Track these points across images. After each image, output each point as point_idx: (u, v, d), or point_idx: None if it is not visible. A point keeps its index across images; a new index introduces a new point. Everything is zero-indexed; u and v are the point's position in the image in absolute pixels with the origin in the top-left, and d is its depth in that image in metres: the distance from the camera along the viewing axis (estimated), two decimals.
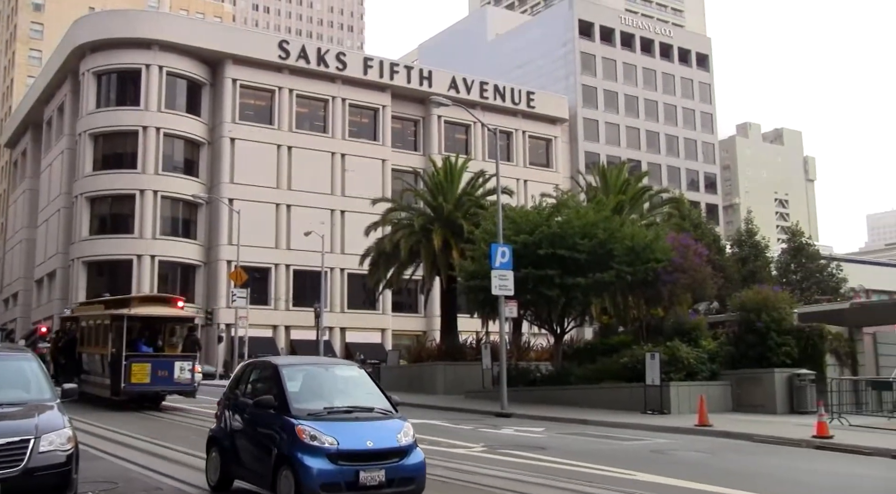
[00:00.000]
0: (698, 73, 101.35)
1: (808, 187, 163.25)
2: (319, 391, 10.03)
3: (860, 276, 75.58)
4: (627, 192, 37.17)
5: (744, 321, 26.89)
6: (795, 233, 60.41)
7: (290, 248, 63.52)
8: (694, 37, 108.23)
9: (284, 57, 66.09)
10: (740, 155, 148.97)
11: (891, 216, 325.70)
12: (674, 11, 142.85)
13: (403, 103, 71.98)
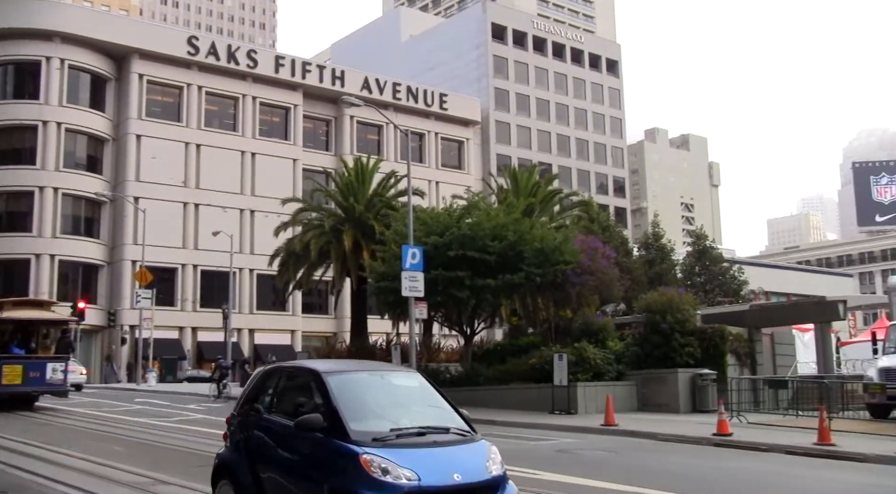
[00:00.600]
0: (608, 78, 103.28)
1: (712, 192, 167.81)
2: (378, 406, 7.82)
3: (760, 278, 78.08)
4: (538, 194, 37.59)
5: (649, 322, 27.43)
6: (700, 236, 61.90)
7: (198, 248, 62.30)
8: (604, 43, 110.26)
9: (193, 53, 64.82)
10: (648, 160, 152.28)
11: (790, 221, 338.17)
12: (585, 17, 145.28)
13: (315, 103, 71.41)
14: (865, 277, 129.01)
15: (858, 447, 16.10)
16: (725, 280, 59.24)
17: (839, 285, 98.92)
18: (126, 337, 55.82)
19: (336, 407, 7.32)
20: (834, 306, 29.54)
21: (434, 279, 26.77)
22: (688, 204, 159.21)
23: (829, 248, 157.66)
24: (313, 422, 7.32)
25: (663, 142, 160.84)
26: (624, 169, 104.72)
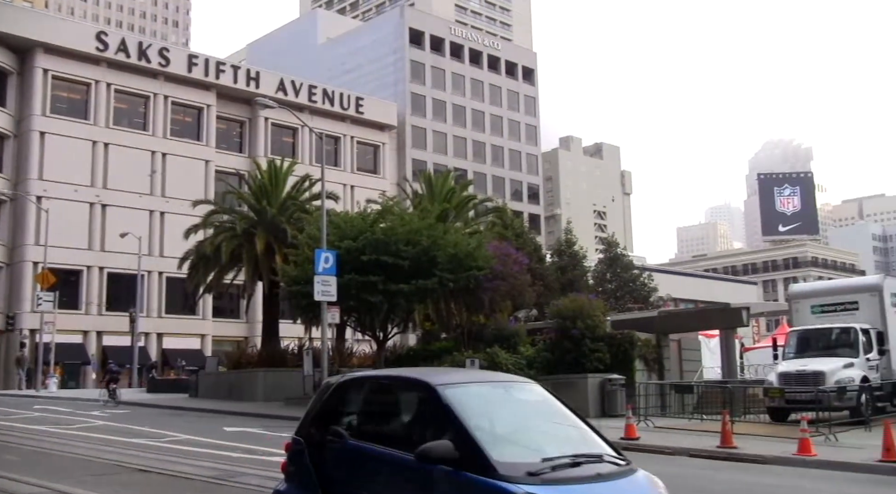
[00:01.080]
0: (524, 86, 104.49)
1: (624, 200, 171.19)
2: (513, 429, 6.25)
3: (669, 285, 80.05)
4: (452, 200, 37.77)
5: (560, 327, 27.80)
6: (611, 244, 63.26)
7: (105, 249, 60.63)
8: (521, 51, 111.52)
9: (102, 49, 63.11)
10: (562, 167, 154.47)
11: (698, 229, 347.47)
12: (502, 25, 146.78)
13: (229, 103, 70.34)
14: (769, 284, 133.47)
15: (758, 449, 16.64)
16: (636, 287, 60.62)
17: (744, 292, 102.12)
18: (25, 341, 53.88)
19: (468, 431, 5.66)
20: (738, 313, 30.46)
21: (347, 284, 26.67)
22: (600, 211, 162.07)
23: (735, 256, 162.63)
24: (443, 452, 5.58)
25: (577, 150, 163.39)
26: (538, 176, 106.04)
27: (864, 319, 23.60)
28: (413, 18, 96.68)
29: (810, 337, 23.83)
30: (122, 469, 13.98)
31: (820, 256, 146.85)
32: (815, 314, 25.02)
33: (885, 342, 23.19)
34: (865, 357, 22.43)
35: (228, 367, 39.81)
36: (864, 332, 22.85)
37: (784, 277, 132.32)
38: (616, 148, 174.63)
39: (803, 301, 25.67)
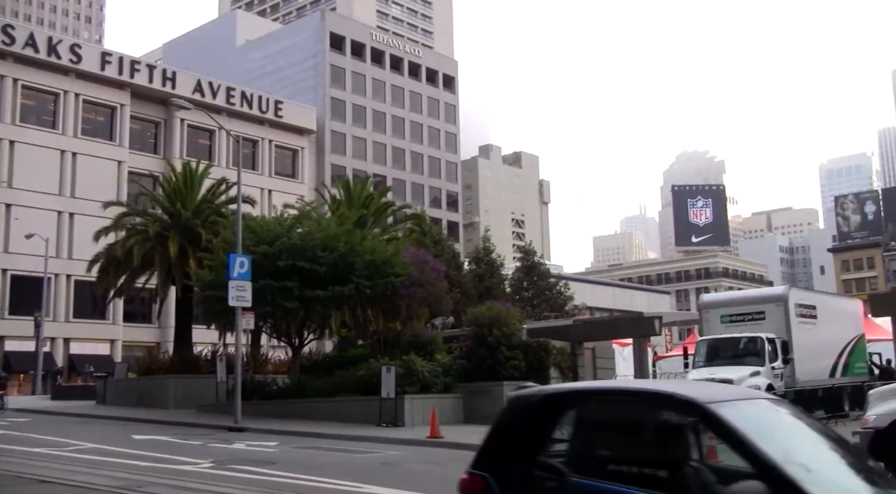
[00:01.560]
0: (445, 94, 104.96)
1: (542, 209, 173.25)
2: (810, 461, 4.79)
3: (586, 294, 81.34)
4: (370, 206, 37.68)
5: (477, 335, 27.94)
6: (528, 252, 63.76)
7: (9, 251, 58.64)
8: (442, 58, 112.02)
9: (9, 43, 61.13)
10: (481, 175, 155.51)
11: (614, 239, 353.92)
12: (424, 33, 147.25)
13: (144, 103, 68.86)
14: (682, 294, 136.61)
15: None
16: (552, 295, 61.27)
17: (658, 301, 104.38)
18: None
19: (779, 468, 4.42)
20: (650, 322, 31.15)
21: (262, 289, 26.33)
22: (519, 220, 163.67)
23: (650, 266, 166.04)
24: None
25: (497, 158, 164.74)
26: (457, 184, 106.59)
27: (771, 328, 24.33)
28: (334, 23, 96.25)
29: (719, 346, 24.45)
30: (20, 481, 13.48)
31: (730, 266, 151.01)
32: (724, 323, 25.70)
33: (790, 351, 23.95)
34: (771, 366, 23.13)
35: (138, 373, 38.92)
36: (770, 341, 23.56)
37: (696, 286, 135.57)
38: (535, 157, 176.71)
39: (713, 311, 26.35)
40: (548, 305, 59.34)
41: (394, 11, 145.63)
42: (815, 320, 26.27)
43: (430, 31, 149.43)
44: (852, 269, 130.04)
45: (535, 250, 67.42)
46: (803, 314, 25.75)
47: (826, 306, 27.89)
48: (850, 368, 27.85)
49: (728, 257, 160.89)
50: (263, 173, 75.48)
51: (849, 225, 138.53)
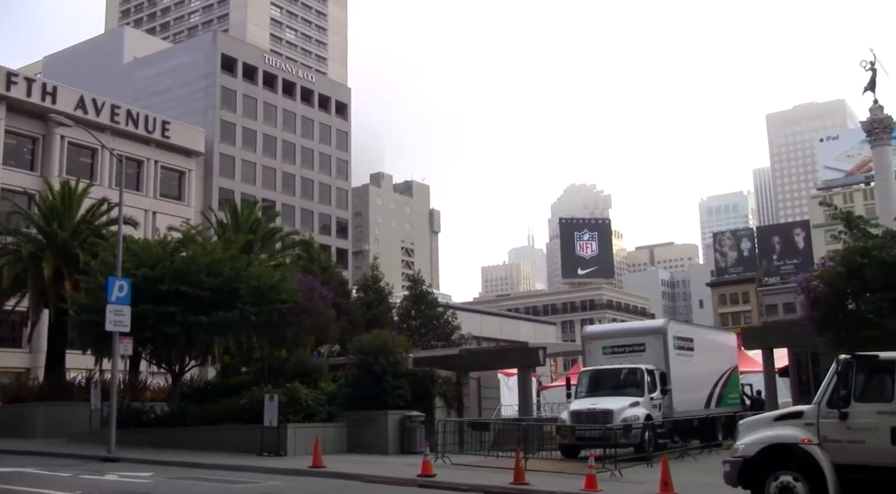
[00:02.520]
0: (337, 120, 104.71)
1: (432, 238, 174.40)
2: None
3: (473, 324, 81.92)
4: (258, 231, 37.18)
5: (363, 363, 27.83)
6: (417, 281, 63.93)
7: None
8: (335, 85, 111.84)
9: None
10: (372, 203, 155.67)
11: (502, 269, 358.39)
12: (318, 59, 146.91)
13: (20, 118, 66.06)
14: (567, 325, 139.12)
15: (548, 485, 17.23)
16: (440, 324, 61.47)
17: (544, 332, 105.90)
18: None
19: None
20: (535, 353, 31.65)
21: (143, 314, 25.61)
22: (408, 249, 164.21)
23: (537, 297, 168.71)
24: None
25: (388, 187, 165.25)
26: (348, 211, 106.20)
27: (650, 360, 25.01)
28: (226, 44, 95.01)
29: (601, 377, 24.97)
30: None
31: (614, 299, 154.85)
32: (606, 354, 26.28)
33: (668, 382, 24.67)
34: (650, 396, 23.75)
35: (4, 401, 37.13)
36: (650, 372, 24.21)
37: (581, 318, 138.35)
38: (426, 187, 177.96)
39: (596, 342, 26.92)
40: (435, 334, 59.51)
41: (288, 36, 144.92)
42: (692, 352, 27.16)
43: (325, 57, 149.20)
44: (729, 303, 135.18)
45: (424, 278, 67.69)
46: (681, 346, 26.58)
47: (702, 339, 28.88)
48: (725, 399, 28.87)
49: (612, 289, 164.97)
50: (148, 195, 73.44)
51: (726, 261, 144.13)
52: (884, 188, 51.05)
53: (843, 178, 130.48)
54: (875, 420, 12.60)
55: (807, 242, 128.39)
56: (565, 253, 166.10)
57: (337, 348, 40.41)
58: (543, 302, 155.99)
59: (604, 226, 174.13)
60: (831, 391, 12.98)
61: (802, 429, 12.97)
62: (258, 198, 74.58)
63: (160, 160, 76.00)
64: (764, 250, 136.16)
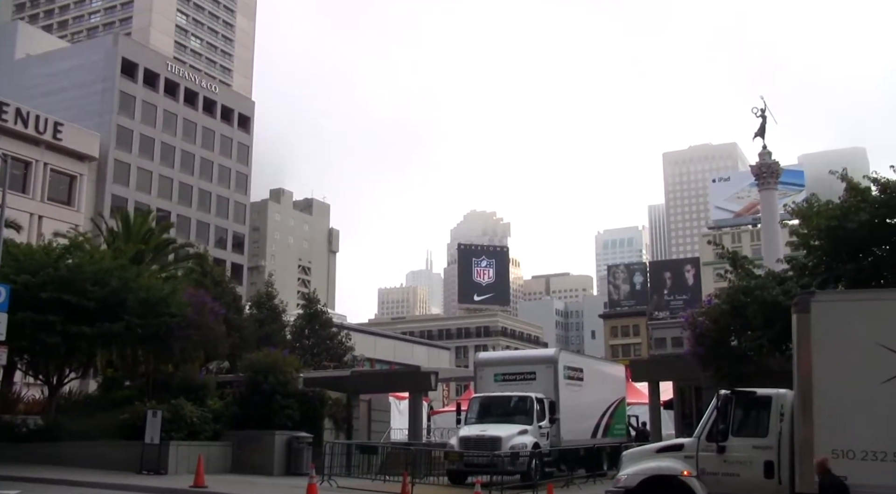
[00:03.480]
0: (239, 133, 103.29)
1: (330, 258, 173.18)
2: None
3: (367, 345, 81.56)
4: (150, 242, 36.32)
5: (252, 381, 27.41)
6: (312, 300, 63.33)
7: None
8: (239, 97, 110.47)
9: None
10: (271, 219, 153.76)
11: (399, 292, 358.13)
12: (223, 70, 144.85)
13: None
14: (461, 350, 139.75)
15: None
16: (333, 345, 60.99)
17: (438, 356, 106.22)
18: None
19: None
20: (427, 377, 31.69)
21: (20, 322, 24.58)
22: (305, 267, 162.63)
23: (432, 321, 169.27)
24: None
25: (288, 203, 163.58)
26: (245, 226, 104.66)
27: (540, 388, 25.34)
28: (127, 48, 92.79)
29: (491, 404, 25.18)
30: None
31: (509, 326, 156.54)
32: (497, 381, 26.50)
33: (556, 411, 25.03)
34: (538, 425, 24.06)
35: None
36: (539, 401, 24.54)
37: (476, 344, 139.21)
38: (326, 205, 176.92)
39: (487, 369, 27.14)
40: (328, 354, 59.01)
41: (193, 45, 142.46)
42: (581, 382, 27.66)
43: (230, 68, 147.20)
44: (620, 335, 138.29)
45: (320, 298, 67.11)
46: (571, 376, 27.04)
47: (592, 369, 29.46)
48: (612, 429, 29.48)
49: (507, 317, 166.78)
50: (35, 198, 70.76)
51: (619, 293, 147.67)
52: (769, 231, 53.13)
53: (732, 218, 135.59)
54: (750, 454, 13.08)
55: (696, 278, 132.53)
56: (462, 279, 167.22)
57: (226, 364, 39.67)
58: (439, 326, 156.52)
59: (502, 253, 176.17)
60: (711, 425, 13.44)
61: (682, 461, 13.36)
62: (153, 207, 72.83)
63: (50, 163, 73.38)
64: (655, 285, 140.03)
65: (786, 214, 36.64)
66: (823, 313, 12.91)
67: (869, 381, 12.40)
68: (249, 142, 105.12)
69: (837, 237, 20.55)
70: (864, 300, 13.73)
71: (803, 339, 12.95)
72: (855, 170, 24.02)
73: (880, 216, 20.29)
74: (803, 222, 22.76)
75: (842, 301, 13.88)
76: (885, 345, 12.31)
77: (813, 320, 12.84)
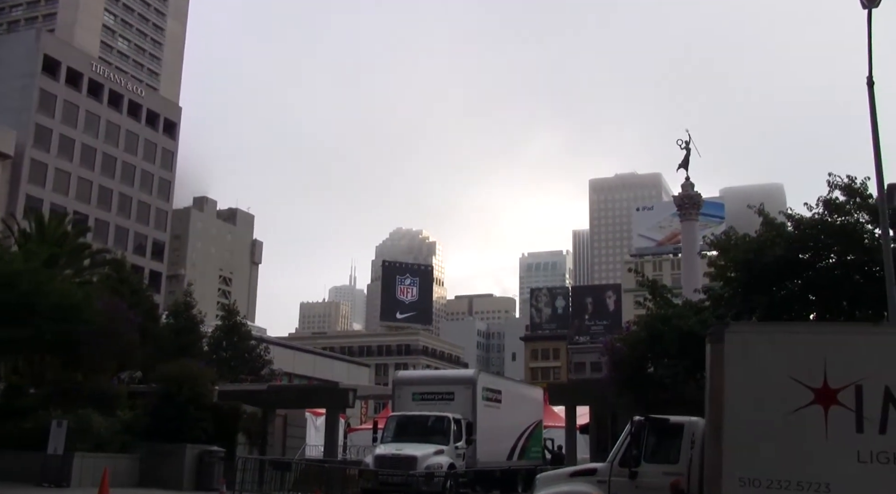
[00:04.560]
0: (164, 139, 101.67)
1: (252, 269, 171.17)
2: None
3: (287, 360, 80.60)
4: (65, 245, 35.45)
5: (165, 393, 26.88)
6: (232, 312, 62.40)
7: None
8: (166, 102, 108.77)
9: None
10: (193, 227, 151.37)
11: (321, 307, 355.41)
12: (150, 73, 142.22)
13: None
14: (382, 368, 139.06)
15: None
16: (251, 358, 60.12)
17: (358, 373, 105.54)
18: None
19: None
20: (345, 394, 31.52)
21: None
22: (227, 277, 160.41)
23: (353, 337, 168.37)
24: None
25: (211, 212, 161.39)
26: (166, 233, 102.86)
27: (458, 409, 25.38)
28: (51, 45, 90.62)
29: (408, 423, 25.09)
30: None
31: (430, 345, 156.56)
32: (415, 400, 26.46)
33: (473, 432, 25.09)
34: (455, 445, 24.07)
35: None
36: (457, 421, 24.56)
37: (396, 362, 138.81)
38: (251, 216, 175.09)
39: (406, 388, 27.09)
40: (246, 367, 58.14)
41: (120, 46, 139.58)
42: (499, 404, 27.80)
43: (157, 72, 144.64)
44: (540, 358, 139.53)
45: (240, 309, 66.19)
46: (489, 397, 27.16)
47: (510, 391, 29.64)
48: (528, 452, 29.67)
49: (429, 336, 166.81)
50: None
51: (541, 317, 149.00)
52: (689, 261, 54.41)
53: (654, 247, 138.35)
54: (661, 481, 13.31)
55: (617, 304, 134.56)
56: (385, 296, 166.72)
57: (139, 374, 38.81)
58: (360, 343, 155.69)
59: (426, 272, 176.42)
60: (624, 451, 13.64)
61: (595, 486, 13.53)
62: (70, 210, 71.06)
63: None
64: (577, 310, 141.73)
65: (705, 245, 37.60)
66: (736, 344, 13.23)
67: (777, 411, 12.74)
68: (174, 148, 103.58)
69: (753, 270, 21.13)
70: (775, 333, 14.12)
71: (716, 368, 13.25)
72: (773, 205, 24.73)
73: (793, 252, 20.96)
74: (721, 253, 23.36)
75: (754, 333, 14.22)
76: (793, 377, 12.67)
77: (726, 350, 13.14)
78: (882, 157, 16.37)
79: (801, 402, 12.65)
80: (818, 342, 13.17)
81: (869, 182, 20.29)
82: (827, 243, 21.00)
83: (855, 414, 12.22)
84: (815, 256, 21.33)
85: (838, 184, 21.08)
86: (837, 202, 21.05)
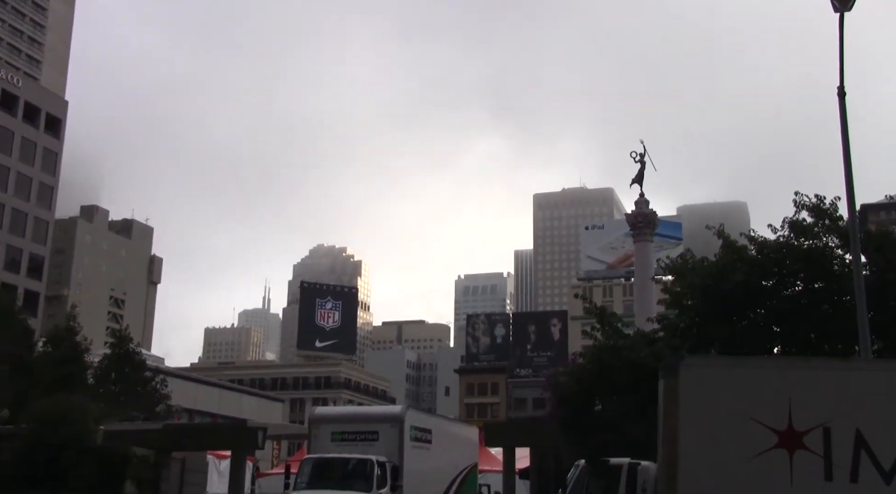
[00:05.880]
0: (46, 137, 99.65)
1: (150, 290, 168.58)
2: None
3: (187, 394, 79.48)
4: None
5: (37, 434, 26.20)
6: (123, 338, 61.26)
7: None
8: (49, 95, 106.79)
9: None
10: (80, 241, 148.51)
11: (229, 333, 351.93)
12: (29, 60, 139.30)
13: None
14: (297, 403, 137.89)
15: None
16: (145, 392, 59.07)
17: (270, 409, 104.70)
18: None
19: None
20: (253, 434, 31.04)
21: None
22: (119, 299, 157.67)
23: (266, 368, 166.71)
24: None
25: (102, 223, 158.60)
26: (46, 247, 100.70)
27: (383, 450, 25.21)
28: None
29: (326, 466, 24.86)
30: None
31: (353, 378, 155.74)
32: (335, 441, 26.21)
33: (400, 478, 24.93)
34: (378, 492, 23.90)
35: None
36: (381, 465, 24.39)
37: (314, 396, 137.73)
38: (149, 229, 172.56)
39: (324, 426, 26.83)
40: (139, 403, 57.09)
41: None
42: (429, 445, 27.71)
43: (39, 59, 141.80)
44: (477, 393, 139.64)
45: (133, 336, 64.99)
46: (419, 437, 27.06)
47: (442, 431, 29.58)
48: None
49: (352, 367, 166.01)
50: None
51: (478, 346, 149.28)
52: (642, 286, 54.78)
53: (604, 270, 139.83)
54: None
55: (563, 333, 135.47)
56: (304, 321, 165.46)
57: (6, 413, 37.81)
58: (273, 375, 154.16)
59: (350, 295, 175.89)
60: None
61: None
62: None
63: None
64: (518, 339, 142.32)
65: (660, 269, 38.09)
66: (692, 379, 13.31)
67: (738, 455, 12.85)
68: (59, 148, 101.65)
69: (711, 298, 21.36)
70: (735, 367, 14.24)
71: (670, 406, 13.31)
72: (735, 225, 25.21)
73: (756, 278, 21.22)
74: (677, 279, 23.63)
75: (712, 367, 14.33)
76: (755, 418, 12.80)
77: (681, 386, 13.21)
78: (854, 175, 16.41)
79: (764, 445, 12.78)
80: (782, 378, 13.33)
81: (839, 202, 20.69)
82: (793, 268, 21.32)
83: (823, 460, 12.36)
84: (779, 283, 21.65)
85: (806, 204, 21.47)
86: (805, 224, 21.44)
